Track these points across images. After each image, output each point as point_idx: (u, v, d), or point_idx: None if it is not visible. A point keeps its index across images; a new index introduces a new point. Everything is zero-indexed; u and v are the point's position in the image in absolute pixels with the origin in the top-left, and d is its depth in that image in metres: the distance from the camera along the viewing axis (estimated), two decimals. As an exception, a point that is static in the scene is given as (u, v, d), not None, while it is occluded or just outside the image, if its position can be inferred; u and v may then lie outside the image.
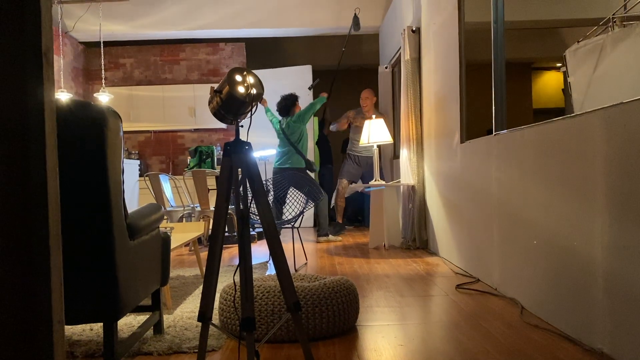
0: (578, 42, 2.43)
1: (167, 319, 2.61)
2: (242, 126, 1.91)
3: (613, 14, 2.27)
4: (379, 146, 5.40)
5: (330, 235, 5.76)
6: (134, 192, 7.37)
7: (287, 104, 5.67)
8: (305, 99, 7.12)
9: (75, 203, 1.69)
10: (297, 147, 5.59)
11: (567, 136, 2.23)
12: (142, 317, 2.67)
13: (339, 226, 6.41)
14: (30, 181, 0.87)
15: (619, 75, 2.17)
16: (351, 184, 6.27)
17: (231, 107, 1.83)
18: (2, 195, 0.88)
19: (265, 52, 9.03)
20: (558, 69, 8.98)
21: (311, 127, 7.40)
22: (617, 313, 1.88)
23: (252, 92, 1.81)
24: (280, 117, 5.78)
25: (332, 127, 6.69)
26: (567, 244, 2.24)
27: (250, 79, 1.83)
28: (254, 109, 1.86)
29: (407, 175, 5.13)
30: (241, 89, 1.80)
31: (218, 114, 1.89)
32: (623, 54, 2.16)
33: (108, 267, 1.73)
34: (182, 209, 5.68)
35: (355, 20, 6.23)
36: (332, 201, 6.38)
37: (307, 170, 5.60)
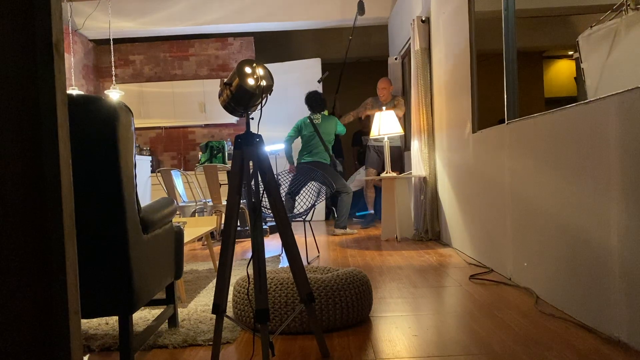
0: (591, 27, 2.39)
1: (182, 312, 2.62)
2: (252, 119, 1.91)
3: (627, -3, 2.23)
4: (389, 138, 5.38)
5: (347, 229, 5.77)
6: (146, 188, 7.42)
7: (322, 104, 5.73)
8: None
9: (89, 197, 1.70)
10: (326, 143, 5.63)
11: (581, 123, 2.20)
12: (156, 311, 2.69)
13: (370, 217, 6.39)
14: (44, 173, 0.88)
15: (634, 59, 2.14)
16: (379, 173, 6.26)
17: (241, 100, 1.83)
18: (16, 188, 0.88)
19: (274, 46, 9.02)
20: (570, 57, 8.87)
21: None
22: (635, 301, 1.86)
23: (262, 84, 1.80)
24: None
25: (348, 117, 6.46)
26: (582, 232, 2.22)
27: (260, 71, 1.83)
28: (264, 101, 1.86)
29: (418, 166, 5.11)
30: (251, 81, 1.79)
31: (228, 106, 1.89)
32: (638, 37, 2.12)
33: (122, 260, 1.74)
34: (195, 204, 5.71)
35: (360, 5, 6.18)
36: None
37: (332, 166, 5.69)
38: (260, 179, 1.86)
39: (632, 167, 1.85)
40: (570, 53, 8.54)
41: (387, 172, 5.24)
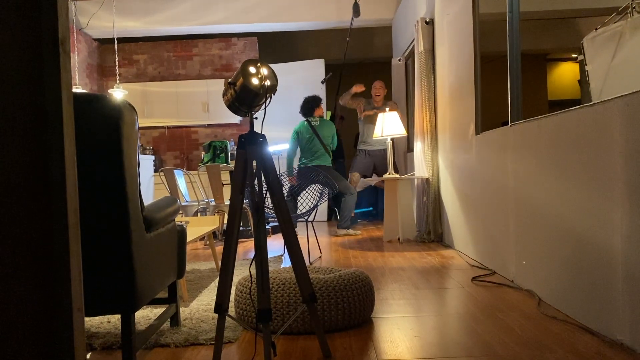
0: (596, 29, 2.39)
1: (184, 312, 2.63)
2: (256, 118, 1.91)
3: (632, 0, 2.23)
4: (392, 139, 5.37)
5: (350, 229, 5.77)
6: (149, 188, 7.43)
7: (312, 105, 5.74)
8: (317, 93, 7.08)
9: (92, 195, 1.70)
10: (327, 146, 5.64)
11: (585, 125, 2.19)
12: (158, 310, 2.69)
13: (352, 220, 6.41)
14: (49, 171, 0.88)
15: (638, 62, 2.13)
16: (363, 177, 6.24)
17: (245, 99, 1.83)
18: (21, 184, 0.89)
19: (278, 47, 9.02)
20: (574, 59, 8.85)
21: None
22: (638, 303, 1.85)
23: (266, 83, 1.81)
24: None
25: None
26: (585, 234, 2.21)
27: (264, 71, 1.83)
28: (268, 101, 1.86)
29: (421, 168, 5.10)
30: (255, 81, 1.79)
31: (232, 106, 1.89)
32: (643, 40, 2.12)
33: (125, 259, 1.74)
34: (197, 203, 5.71)
35: (355, 7, 6.19)
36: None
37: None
38: (263, 178, 1.86)
39: (636, 170, 1.84)
40: (575, 56, 8.52)
41: (389, 173, 5.24)
